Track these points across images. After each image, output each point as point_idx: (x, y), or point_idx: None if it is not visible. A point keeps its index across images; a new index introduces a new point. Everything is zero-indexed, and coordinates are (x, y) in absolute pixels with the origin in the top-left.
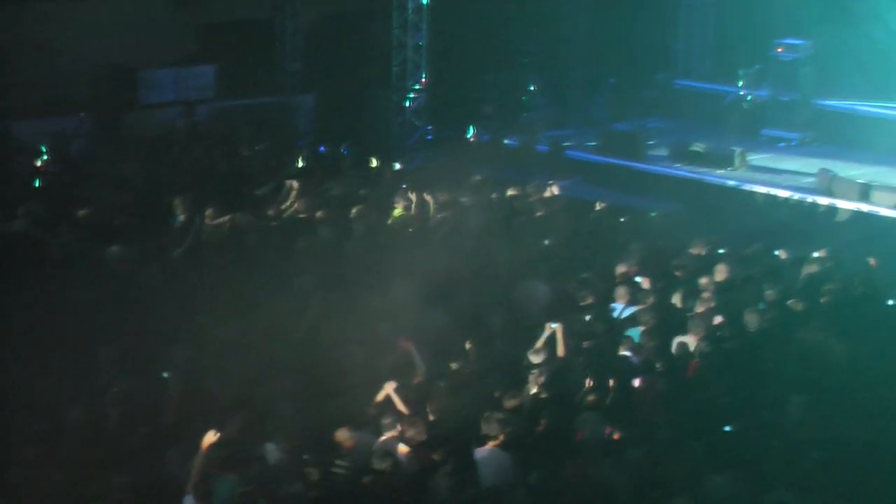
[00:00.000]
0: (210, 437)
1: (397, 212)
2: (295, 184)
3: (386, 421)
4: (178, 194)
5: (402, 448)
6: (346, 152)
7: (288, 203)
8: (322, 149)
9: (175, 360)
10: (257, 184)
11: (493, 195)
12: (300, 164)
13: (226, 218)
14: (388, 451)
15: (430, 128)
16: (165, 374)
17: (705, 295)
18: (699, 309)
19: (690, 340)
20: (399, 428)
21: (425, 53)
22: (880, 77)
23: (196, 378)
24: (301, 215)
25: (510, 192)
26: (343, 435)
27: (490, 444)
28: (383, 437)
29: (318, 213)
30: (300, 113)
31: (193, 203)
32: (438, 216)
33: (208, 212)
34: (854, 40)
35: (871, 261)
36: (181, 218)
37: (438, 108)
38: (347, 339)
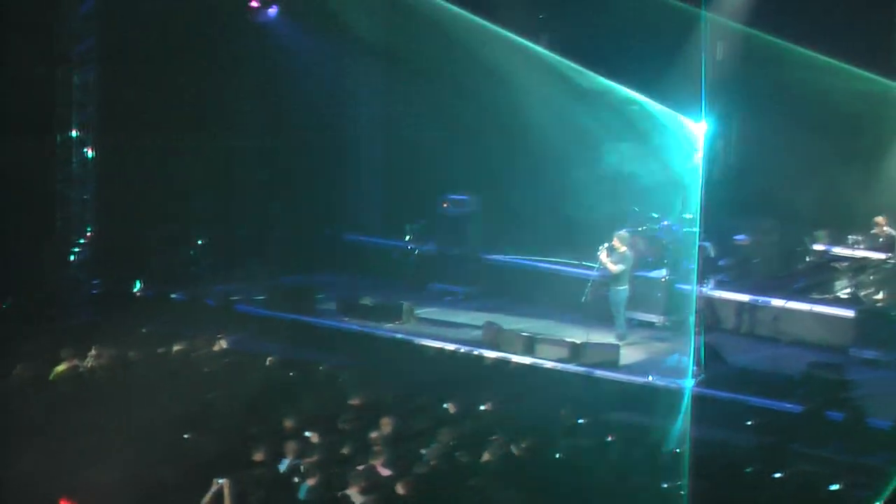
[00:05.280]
0: None
1: (60, 368)
2: None
3: None
4: None
5: None
6: (6, 307)
7: None
8: None
9: None
10: None
11: (160, 349)
12: None
13: None
14: None
15: (95, 282)
16: None
17: (374, 448)
18: (368, 462)
19: (353, 493)
20: None
21: (91, 207)
22: (542, 233)
23: None
24: None
25: (177, 347)
26: None
27: None
28: None
29: None
30: None
31: None
32: (104, 371)
33: None
34: (516, 198)
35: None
36: None
37: (105, 261)
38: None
